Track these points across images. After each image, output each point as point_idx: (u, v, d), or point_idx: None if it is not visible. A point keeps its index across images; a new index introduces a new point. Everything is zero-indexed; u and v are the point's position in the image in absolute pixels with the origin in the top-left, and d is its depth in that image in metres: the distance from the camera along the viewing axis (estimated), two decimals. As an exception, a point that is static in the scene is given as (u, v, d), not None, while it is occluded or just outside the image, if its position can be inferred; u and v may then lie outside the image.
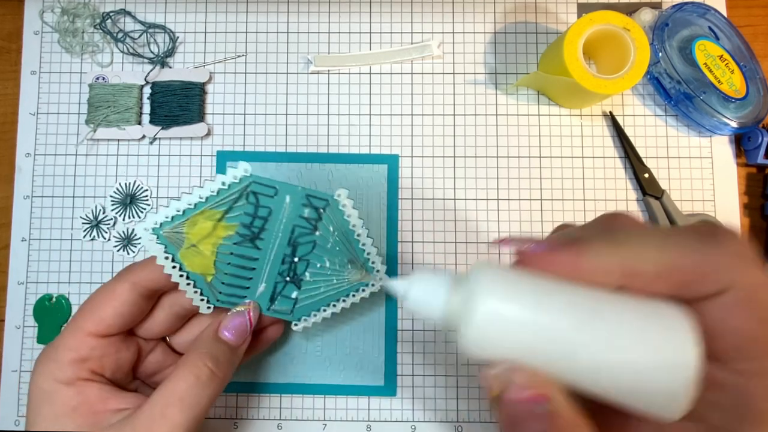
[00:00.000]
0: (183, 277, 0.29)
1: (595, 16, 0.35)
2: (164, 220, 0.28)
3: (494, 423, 0.37)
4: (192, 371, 0.27)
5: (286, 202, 0.29)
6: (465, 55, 0.41)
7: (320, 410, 0.38)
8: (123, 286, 0.28)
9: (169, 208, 0.28)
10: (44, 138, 0.40)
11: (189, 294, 0.29)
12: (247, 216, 0.29)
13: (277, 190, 0.29)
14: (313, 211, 0.30)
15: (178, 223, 0.28)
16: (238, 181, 0.29)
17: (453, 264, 0.39)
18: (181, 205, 0.28)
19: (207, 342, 0.29)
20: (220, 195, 0.29)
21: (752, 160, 0.39)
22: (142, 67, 0.40)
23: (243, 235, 0.29)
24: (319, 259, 0.31)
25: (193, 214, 0.28)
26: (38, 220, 0.39)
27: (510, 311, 0.17)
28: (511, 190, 0.39)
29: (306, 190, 0.30)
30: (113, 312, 0.28)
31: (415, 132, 0.40)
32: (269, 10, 0.41)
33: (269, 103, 0.40)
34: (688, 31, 0.39)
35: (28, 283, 0.39)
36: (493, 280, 0.18)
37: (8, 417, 0.38)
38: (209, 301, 0.30)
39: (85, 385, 0.27)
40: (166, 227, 0.28)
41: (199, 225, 0.29)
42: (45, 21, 0.41)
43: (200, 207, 0.28)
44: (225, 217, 0.29)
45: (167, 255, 0.28)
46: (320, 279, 0.31)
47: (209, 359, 0.27)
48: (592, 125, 0.40)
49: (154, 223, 0.28)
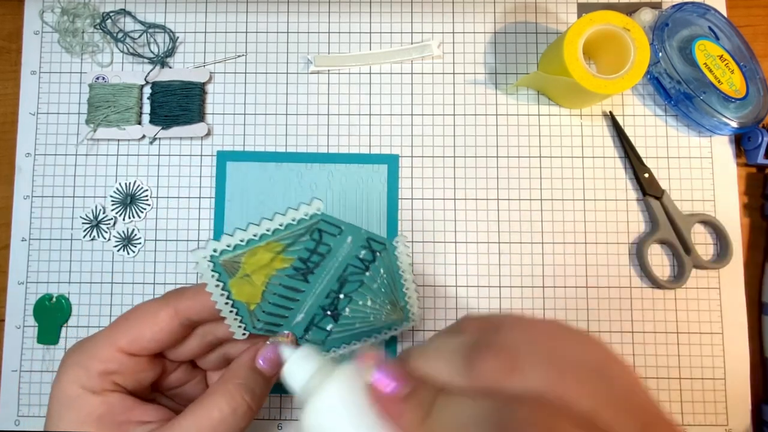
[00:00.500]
0: (228, 305, 0.28)
1: (595, 16, 0.35)
2: (224, 248, 0.27)
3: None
4: (230, 403, 0.26)
5: (347, 242, 0.29)
6: (465, 55, 0.41)
7: (320, 410, 0.37)
8: (167, 312, 0.28)
9: (233, 237, 0.27)
10: (44, 138, 0.40)
11: (229, 321, 0.29)
12: (307, 251, 0.29)
13: (342, 230, 0.29)
14: (369, 253, 0.30)
15: (239, 253, 0.27)
16: (308, 218, 0.28)
17: (453, 264, 0.39)
18: (246, 234, 0.27)
19: (244, 371, 0.28)
20: (287, 229, 0.28)
21: (752, 160, 0.39)
22: (142, 67, 0.40)
23: (298, 268, 0.29)
24: (363, 297, 0.31)
25: (255, 245, 0.28)
26: (38, 220, 0.39)
27: (332, 422, 0.20)
28: (511, 190, 0.39)
29: (368, 234, 0.29)
30: (151, 336, 0.28)
31: (415, 132, 0.40)
32: (269, 10, 0.41)
33: (269, 103, 0.40)
34: (688, 31, 0.39)
35: (28, 283, 0.39)
36: (339, 389, 0.21)
37: (8, 417, 0.38)
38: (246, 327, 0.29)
39: (111, 395, 0.27)
40: (226, 255, 0.27)
41: (259, 255, 0.28)
42: (45, 21, 0.41)
43: (264, 239, 0.28)
44: (285, 250, 0.28)
45: (218, 283, 0.28)
46: (358, 316, 0.31)
47: (247, 392, 0.27)
48: (592, 125, 0.40)
49: (214, 250, 0.27)
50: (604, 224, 0.39)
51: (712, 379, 0.38)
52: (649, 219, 0.39)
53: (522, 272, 0.39)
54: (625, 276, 0.39)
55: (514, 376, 0.17)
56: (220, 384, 0.27)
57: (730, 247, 0.38)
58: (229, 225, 0.39)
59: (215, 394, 0.27)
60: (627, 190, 0.39)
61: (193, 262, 0.26)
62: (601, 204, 0.39)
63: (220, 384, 0.27)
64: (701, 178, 0.40)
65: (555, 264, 0.39)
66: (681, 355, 0.38)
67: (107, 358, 0.27)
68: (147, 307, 0.28)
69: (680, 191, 0.39)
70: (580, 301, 0.38)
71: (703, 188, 0.39)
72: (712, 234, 0.39)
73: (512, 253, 0.39)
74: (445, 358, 0.19)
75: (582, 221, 0.39)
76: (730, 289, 0.38)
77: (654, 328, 0.38)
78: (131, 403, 0.27)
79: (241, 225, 0.28)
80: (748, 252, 0.39)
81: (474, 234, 0.39)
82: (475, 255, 0.39)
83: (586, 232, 0.39)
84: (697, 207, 0.39)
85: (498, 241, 0.39)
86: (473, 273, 0.39)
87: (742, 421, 0.37)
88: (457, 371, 0.18)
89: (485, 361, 0.17)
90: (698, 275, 0.39)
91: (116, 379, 0.28)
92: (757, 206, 0.40)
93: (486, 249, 0.39)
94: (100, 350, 0.27)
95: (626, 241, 0.39)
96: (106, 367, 0.27)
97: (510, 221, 0.39)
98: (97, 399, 0.27)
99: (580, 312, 0.38)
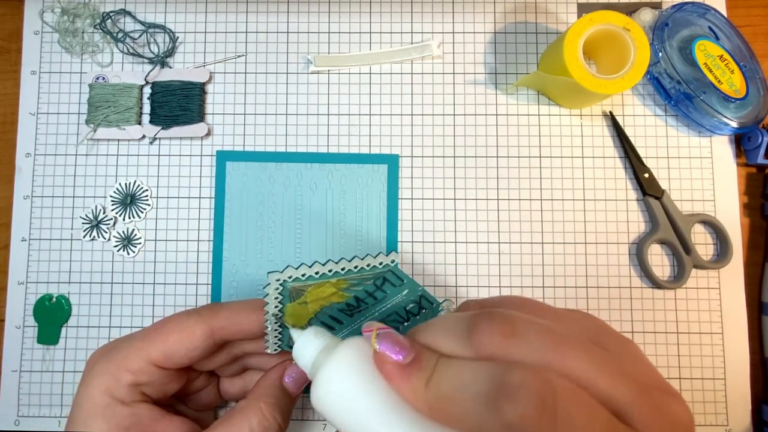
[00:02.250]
0: (276, 323, 0.29)
1: (595, 16, 0.35)
2: (299, 276, 0.28)
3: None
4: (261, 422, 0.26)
5: (403, 294, 0.29)
6: (465, 55, 0.41)
7: (320, 410, 0.38)
8: (202, 328, 0.28)
9: (311, 268, 0.28)
10: (44, 138, 0.40)
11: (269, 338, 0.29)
12: (365, 293, 0.29)
13: (404, 283, 0.29)
14: (416, 307, 0.30)
15: (310, 283, 0.28)
16: (380, 267, 0.28)
17: (453, 264, 0.39)
18: (323, 269, 0.28)
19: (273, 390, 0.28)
20: (359, 272, 0.28)
21: (752, 160, 0.39)
22: (142, 67, 0.40)
23: (350, 305, 0.29)
24: None
25: (326, 279, 0.28)
26: (38, 220, 0.39)
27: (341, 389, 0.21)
28: (511, 190, 0.39)
29: (423, 292, 0.30)
30: (185, 353, 0.28)
31: (415, 132, 0.40)
32: (269, 10, 0.41)
33: (269, 103, 0.40)
34: (688, 31, 0.39)
35: (28, 283, 0.39)
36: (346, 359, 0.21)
37: (8, 417, 0.38)
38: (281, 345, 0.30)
39: (139, 407, 0.27)
40: (297, 282, 0.28)
41: (324, 288, 0.28)
42: (45, 21, 0.41)
43: (336, 276, 0.28)
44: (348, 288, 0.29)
45: (278, 305, 0.28)
46: None
47: (278, 411, 0.27)
48: (592, 125, 0.40)
49: (289, 276, 0.28)
50: (604, 224, 0.39)
51: (712, 379, 0.38)
52: (649, 219, 0.39)
53: (522, 272, 0.39)
54: (625, 276, 0.39)
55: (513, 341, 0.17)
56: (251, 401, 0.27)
57: (730, 247, 0.38)
58: (229, 225, 0.39)
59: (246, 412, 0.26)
60: (627, 190, 0.39)
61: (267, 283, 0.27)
62: (601, 204, 0.39)
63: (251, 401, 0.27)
64: (701, 178, 0.40)
65: (555, 264, 0.39)
66: (681, 355, 0.38)
67: (139, 369, 0.27)
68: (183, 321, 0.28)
69: (680, 191, 0.39)
70: (580, 301, 0.38)
71: (703, 188, 0.39)
72: (712, 234, 0.39)
73: (512, 253, 0.39)
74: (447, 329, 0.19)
75: (582, 221, 0.39)
76: (730, 289, 0.38)
77: (654, 328, 0.38)
78: (158, 414, 0.27)
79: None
80: (748, 252, 0.39)
81: (474, 234, 0.39)
82: (475, 255, 0.39)
83: (586, 232, 0.39)
84: (697, 207, 0.39)
85: (498, 241, 0.39)
86: (473, 273, 0.39)
87: (742, 421, 0.37)
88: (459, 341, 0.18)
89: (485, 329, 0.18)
90: (698, 275, 0.39)
91: (145, 390, 0.28)
92: (757, 206, 0.40)
93: (486, 249, 0.39)
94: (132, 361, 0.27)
95: (626, 241, 0.39)
96: (137, 379, 0.27)
97: (510, 221, 0.39)
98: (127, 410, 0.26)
99: (580, 312, 0.38)
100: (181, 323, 0.28)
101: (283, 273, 0.27)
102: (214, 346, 0.29)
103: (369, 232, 0.39)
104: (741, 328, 0.38)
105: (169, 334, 0.28)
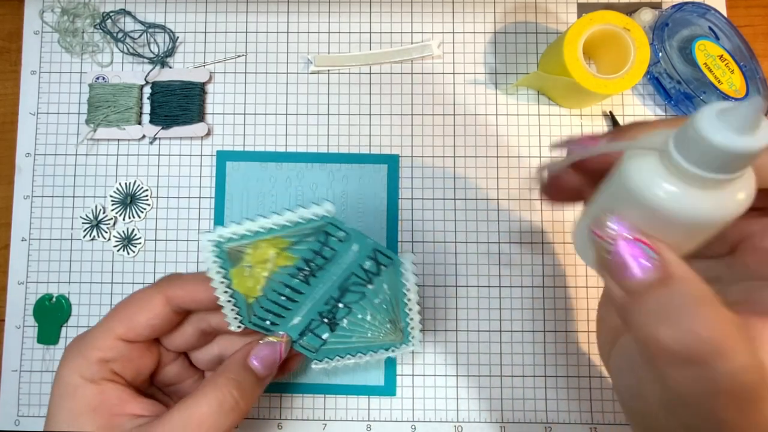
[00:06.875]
0: (227, 293, 0.28)
1: (595, 16, 0.35)
2: (231, 235, 0.27)
3: (494, 423, 0.37)
4: (216, 397, 0.26)
5: (353, 249, 0.29)
6: (465, 55, 0.41)
7: (320, 410, 0.38)
8: (158, 298, 0.28)
9: (240, 226, 0.28)
10: (44, 138, 0.40)
11: (226, 311, 0.29)
12: (311, 252, 0.29)
13: (349, 236, 0.29)
14: (374, 265, 0.30)
15: (245, 243, 0.28)
16: (317, 219, 0.28)
17: (453, 264, 0.39)
18: (253, 226, 0.28)
19: (235, 368, 0.28)
20: (295, 227, 0.28)
21: (752, 160, 0.39)
22: (142, 67, 0.40)
23: (300, 269, 0.29)
24: (362, 310, 0.30)
25: (261, 237, 0.28)
26: (38, 220, 0.39)
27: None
28: (511, 190, 0.39)
29: (376, 245, 0.29)
30: (145, 322, 0.28)
31: (415, 132, 0.40)
32: (269, 10, 0.41)
33: (269, 103, 0.40)
34: (688, 31, 0.39)
35: (28, 283, 0.39)
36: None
37: (8, 417, 0.38)
38: (243, 320, 0.29)
39: (107, 386, 0.27)
40: (231, 243, 0.28)
41: (262, 249, 0.28)
42: (45, 21, 0.41)
43: (272, 233, 0.28)
44: (291, 248, 0.28)
45: (221, 270, 0.28)
46: (356, 329, 0.31)
47: (236, 387, 0.27)
48: (592, 125, 0.40)
49: (219, 236, 0.27)
50: (604, 224, 0.39)
51: (712, 379, 0.38)
52: (649, 219, 0.39)
53: (522, 272, 0.39)
54: (625, 276, 0.39)
55: None
56: (209, 379, 0.28)
57: (730, 247, 0.38)
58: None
59: (204, 389, 0.27)
60: (627, 190, 0.39)
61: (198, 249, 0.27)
62: (601, 204, 0.39)
63: (210, 379, 0.28)
64: (701, 178, 0.39)
65: (555, 264, 0.39)
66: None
67: (105, 345, 0.28)
68: (141, 294, 0.29)
69: (680, 191, 0.39)
70: (581, 301, 0.38)
71: (703, 188, 0.39)
72: (712, 234, 0.39)
73: (512, 253, 0.39)
74: None
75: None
76: (730, 289, 0.38)
77: (654, 328, 0.38)
78: (127, 396, 0.28)
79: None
80: (748, 252, 0.39)
81: (474, 234, 0.39)
82: (475, 255, 0.39)
83: (586, 232, 0.39)
84: (697, 207, 0.39)
85: (498, 242, 0.39)
86: (473, 273, 0.39)
87: (742, 421, 0.37)
88: None
89: None
90: (698, 275, 0.39)
91: (114, 368, 0.28)
92: (757, 206, 0.40)
93: (486, 249, 0.39)
94: (99, 339, 0.28)
95: (626, 241, 0.39)
96: (104, 355, 0.28)
97: (510, 221, 0.39)
98: (95, 389, 0.27)
99: (580, 312, 0.38)
100: (140, 296, 0.29)
101: (214, 232, 0.27)
102: (174, 315, 0.29)
103: (369, 231, 0.39)
104: (741, 328, 0.38)
105: (129, 307, 0.29)
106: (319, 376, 0.38)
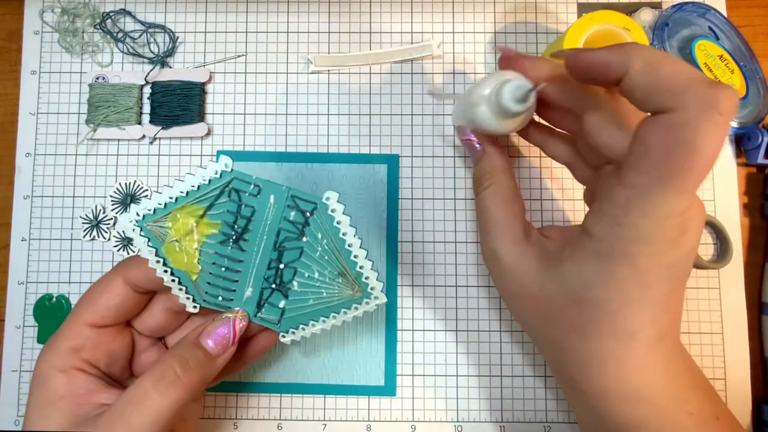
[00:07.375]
0: (168, 272, 0.28)
1: (595, 16, 0.35)
2: (146, 212, 0.27)
3: (494, 423, 0.37)
4: (156, 373, 0.26)
5: (270, 202, 0.28)
6: (465, 55, 0.41)
7: (320, 410, 0.38)
8: (117, 279, 0.29)
9: (152, 201, 0.28)
10: (44, 138, 0.40)
11: (174, 291, 0.29)
12: (230, 214, 0.28)
13: (260, 188, 0.28)
14: (299, 214, 0.28)
15: (161, 217, 0.28)
16: (219, 176, 0.27)
17: (453, 264, 0.39)
18: (163, 198, 0.27)
19: (184, 346, 0.28)
20: (201, 190, 0.27)
21: (752, 160, 0.39)
22: (142, 67, 0.40)
23: (226, 234, 0.28)
24: (307, 268, 0.29)
25: (174, 208, 0.28)
26: (38, 220, 0.39)
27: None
28: (511, 190, 0.39)
29: (291, 191, 0.28)
30: (107, 304, 0.29)
31: (415, 132, 0.40)
32: (269, 10, 0.41)
33: (269, 103, 0.40)
34: (688, 31, 0.39)
35: (28, 283, 0.39)
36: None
37: (8, 417, 0.38)
38: (195, 300, 0.29)
39: (76, 375, 0.28)
40: (149, 220, 0.27)
41: (181, 220, 0.28)
42: (45, 21, 0.41)
43: (181, 201, 0.27)
44: (207, 214, 0.28)
45: (151, 249, 0.28)
46: (309, 290, 0.30)
47: (177, 363, 0.26)
48: (592, 125, 0.40)
49: (137, 214, 0.27)
50: (604, 224, 0.39)
51: (712, 379, 0.38)
52: (649, 219, 0.39)
53: (522, 272, 0.39)
54: (625, 276, 0.39)
55: None
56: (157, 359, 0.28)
57: (730, 247, 0.38)
58: (229, 225, 0.39)
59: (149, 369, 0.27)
60: (627, 190, 0.39)
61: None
62: (601, 204, 0.39)
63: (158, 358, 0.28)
64: (701, 178, 0.39)
65: (555, 264, 0.39)
66: (681, 355, 0.38)
67: (72, 334, 0.28)
68: (101, 278, 0.29)
69: (680, 191, 0.39)
70: (580, 301, 0.38)
71: (703, 188, 0.39)
72: (712, 234, 0.39)
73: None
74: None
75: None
76: (730, 289, 0.38)
77: (654, 328, 0.38)
78: (96, 386, 0.28)
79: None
80: (748, 252, 0.39)
81: (474, 234, 0.39)
82: (475, 255, 0.39)
83: (586, 232, 0.39)
84: (697, 207, 0.39)
85: (498, 241, 0.39)
86: (473, 273, 0.39)
87: (742, 422, 0.37)
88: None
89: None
90: (698, 275, 0.39)
91: (85, 356, 0.28)
92: (757, 206, 0.40)
93: (486, 249, 0.39)
94: (66, 329, 0.28)
95: (626, 241, 0.39)
96: (73, 344, 0.28)
97: (510, 221, 0.39)
98: (63, 378, 0.27)
99: (580, 312, 0.38)
100: (100, 280, 0.29)
101: (130, 213, 0.27)
102: (138, 296, 0.29)
103: (369, 231, 0.39)
104: (741, 329, 0.38)
105: (92, 293, 0.29)
106: (318, 376, 0.38)
